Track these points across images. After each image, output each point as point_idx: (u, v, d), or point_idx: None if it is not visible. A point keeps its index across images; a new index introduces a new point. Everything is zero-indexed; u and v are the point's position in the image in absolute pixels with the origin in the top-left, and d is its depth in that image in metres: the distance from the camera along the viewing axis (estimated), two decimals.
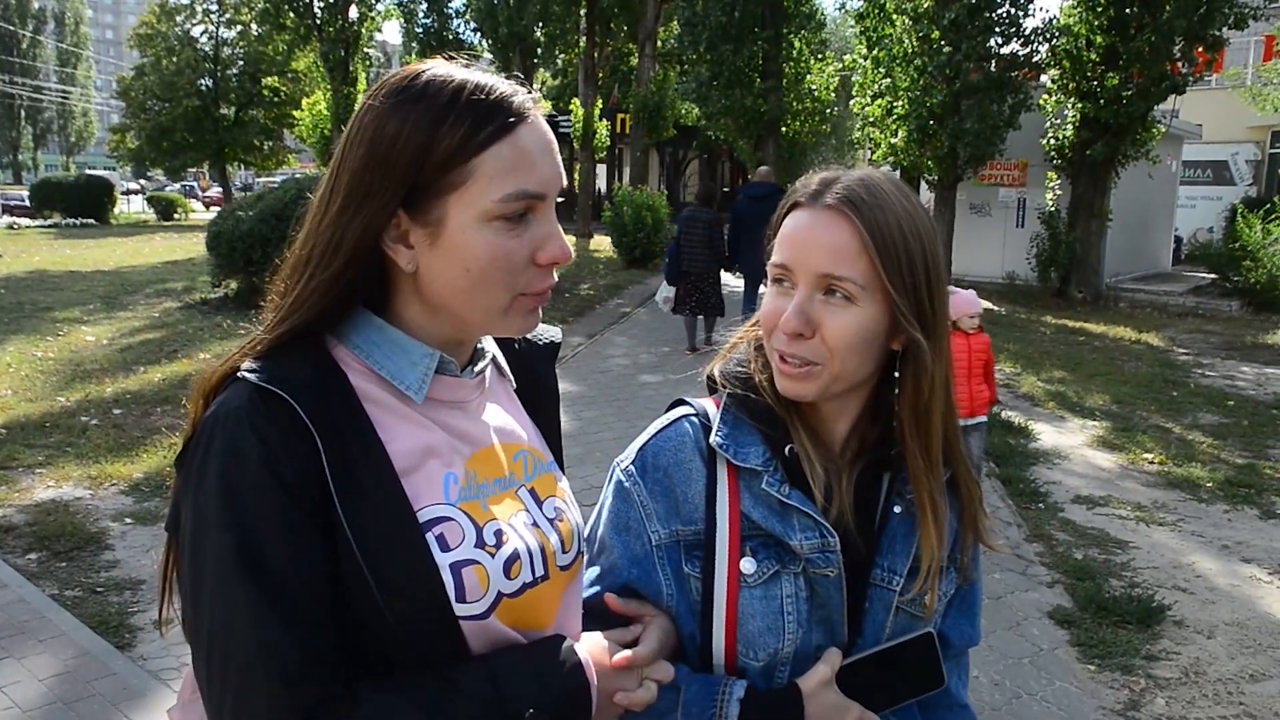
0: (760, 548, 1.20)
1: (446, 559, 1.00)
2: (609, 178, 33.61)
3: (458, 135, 0.98)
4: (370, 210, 1.00)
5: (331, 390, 1.02)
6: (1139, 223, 19.69)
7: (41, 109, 68.24)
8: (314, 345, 1.05)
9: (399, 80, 1.02)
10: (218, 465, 0.95)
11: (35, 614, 4.13)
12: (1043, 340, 12.57)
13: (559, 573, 1.13)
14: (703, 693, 1.17)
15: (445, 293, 1.04)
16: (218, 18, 35.72)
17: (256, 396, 0.97)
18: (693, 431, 1.26)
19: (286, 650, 0.92)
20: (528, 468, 1.17)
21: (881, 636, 1.24)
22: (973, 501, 1.29)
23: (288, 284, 1.05)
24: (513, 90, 1.03)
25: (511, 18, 19.41)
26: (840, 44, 35.82)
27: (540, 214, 1.04)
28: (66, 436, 6.76)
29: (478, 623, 1.02)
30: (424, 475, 1.04)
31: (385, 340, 1.07)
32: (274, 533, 0.94)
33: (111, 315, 12.29)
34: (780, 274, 1.19)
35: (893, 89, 15.52)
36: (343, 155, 1.03)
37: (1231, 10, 14.59)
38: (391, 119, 1.00)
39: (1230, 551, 5.33)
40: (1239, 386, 9.96)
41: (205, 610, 0.94)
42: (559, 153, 1.08)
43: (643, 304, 14.35)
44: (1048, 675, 3.90)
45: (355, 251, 1.02)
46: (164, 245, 23.54)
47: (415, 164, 0.99)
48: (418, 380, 1.07)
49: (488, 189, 0.99)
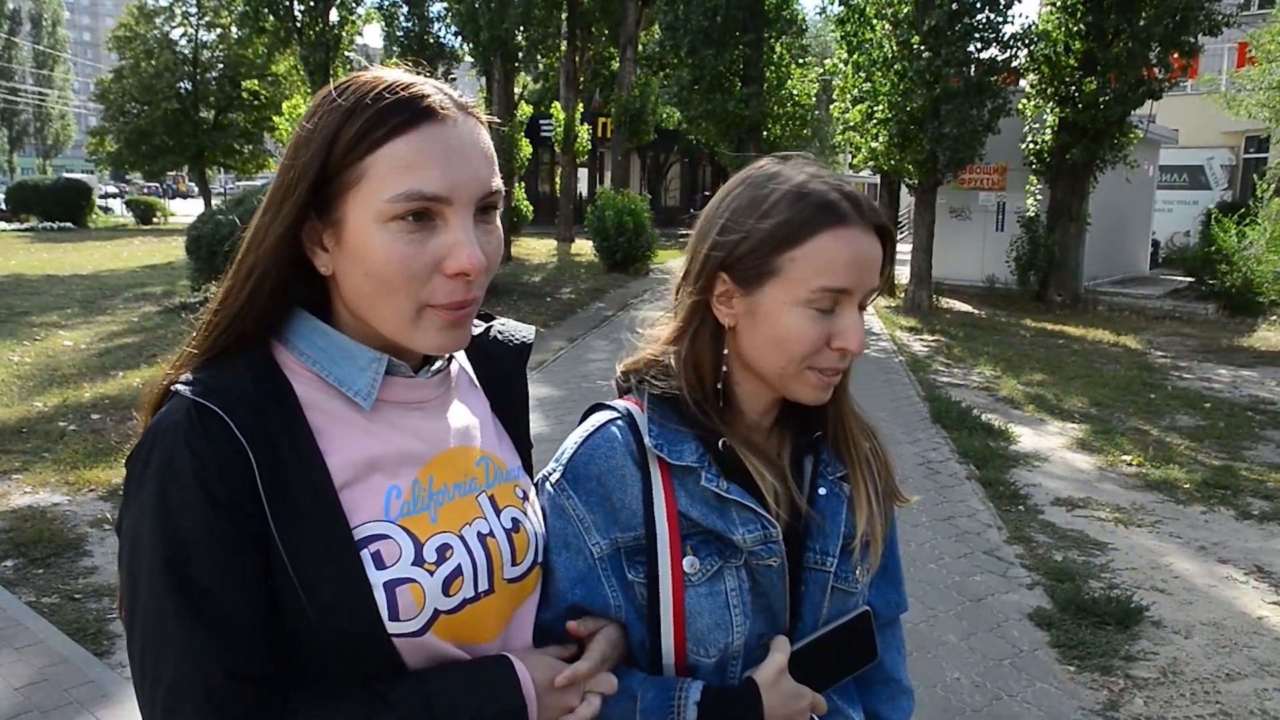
0: (701, 545, 1.20)
1: (381, 577, 0.99)
2: (590, 181, 33.62)
3: (354, 131, 0.97)
4: (286, 210, 0.99)
5: (270, 401, 1.00)
6: (1117, 227, 19.89)
7: (18, 111, 67.57)
8: (257, 353, 1.04)
9: (329, 88, 1.02)
10: (154, 479, 0.95)
11: (12, 621, 4.08)
12: (1022, 343, 12.66)
13: (505, 585, 1.11)
14: (659, 698, 1.17)
15: (354, 298, 1.03)
16: (197, 20, 35.46)
17: (192, 411, 0.96)
18: (621, 435, 1.23)
19: (213, 667, 0.92)
20: (488, 474, 1.16)
21: (819, 618, 1.25)
22: (887, 464, 1.34)
23: (224, 291, 1.04)
24: (430, 91, 1.00)
25: (493, 21, 19.32)
26: (821, 49, 35.96)
27: (448, 220, 0.99)
28: (44, 442, 6.69)
29: (413, 639, 1.01)
30: (365, 489, 1.02)
31: (331, 345, 1.05)
32: (204, 548, 0.94)
33: (90, 319, 12.19)
34: (835, 299, 1.16)
35: (873, 94, 15.60)
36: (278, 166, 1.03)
37: (1206, 17, 14.79)
38: (310, 120, 1.00)
39: (1207, 552, 5.39)
40: (1215, 389, 10.06)
41: (139, 619, 0.95)
42: (487, 159, 1.03)
43: (625, 307, 14.34)
44: (1028, 676, 3.93)
45: (278, 254, 1.00)
46: (143, 249, 23.38)
47: (319, 161, 0.98)
48: (366, 386, 1.05)
49: (380, 188, 0.97)
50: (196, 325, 1.06)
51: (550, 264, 20.56)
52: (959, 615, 4.45)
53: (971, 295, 17.58)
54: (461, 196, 0.99)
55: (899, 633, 1.43)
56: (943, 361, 11.27)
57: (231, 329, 1.03)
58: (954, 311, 15.78)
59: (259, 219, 1.02)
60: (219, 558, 0.94)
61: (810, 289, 1.15)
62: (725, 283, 1.21)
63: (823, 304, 1.16)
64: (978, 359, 11.36)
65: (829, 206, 1.16)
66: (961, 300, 16.98)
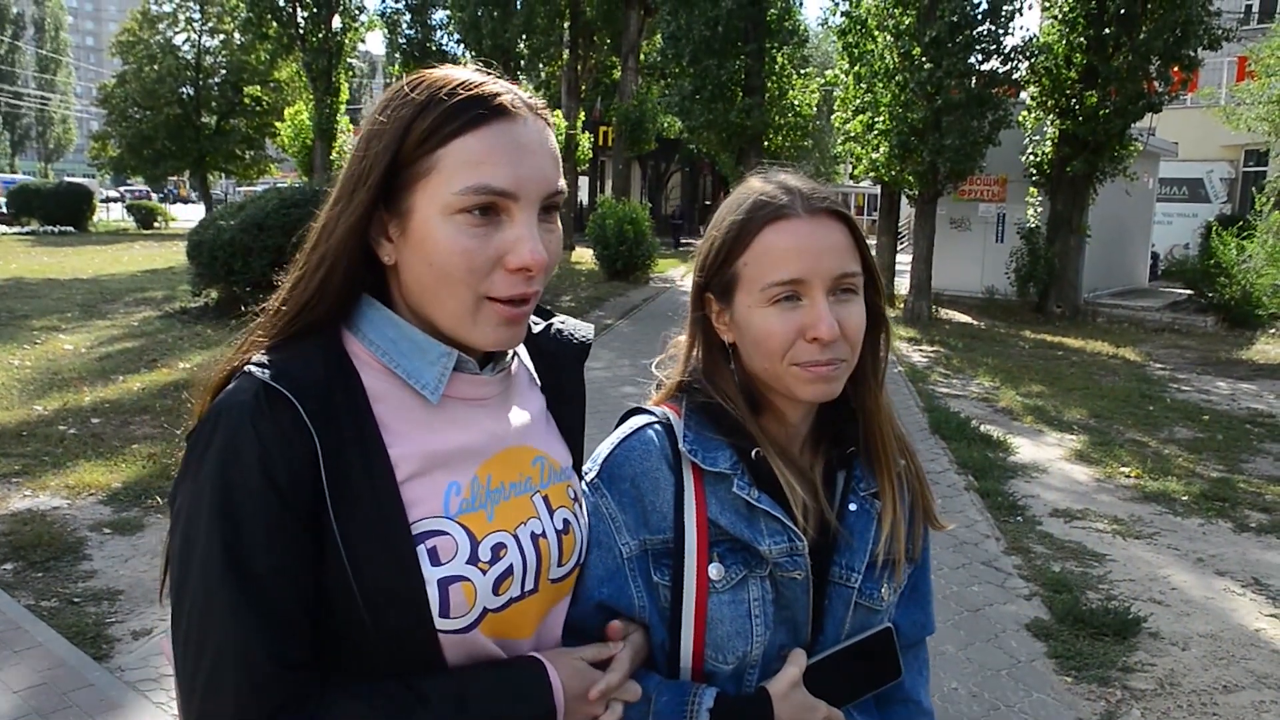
0: (728, 553, 1.21)
1: (436, 574, 1.00)
2: (591, 190, 33.68)
3: (427, 125, 0.99)
4: (356, 203, 1.02)
5: (339, 390, 1.01)
6: (1116, 239, 19.91)
7: (20, 115, 67.70)
8: (329, 340, 1.06)
9: (402, 83, 1.04)
10: (215, 459, 0.96)
11: (11, 625, 4.08)
12: (1021, 354, 12.67)
13: (549, 585, 1.13)
14: (673, 702, 1.18)
15: (415, 289, 1.04)
16: (200, 26, 35.53)
17: (261, 393, 0.97)
18: (657, 439, 1.25)
19: (258, 653, 0.93)
20: (544, 473, 1.17)
21: (841, 633, 1.26)
22: (923, 486, 1.34)
23: (294, 280, 1.06)
24: (500, 89, 1.02)
25: (495, 30, 19.43)
26: (822, 59, 36.06)
27: (513, 216, 1.01)
28: (44, 445, 6.69)
29: (458, 636, 1.02)
30: (426, 484, 1.03)
31: (402, 337, 1.06)
32: (261, 535, 0.94)
33: (90, 324, 12.20)
34: (791, 290, 1.18)
35: (874, 104, 15.64)
36: (348, 158, 1.06)
37: (1206, 32, 14.86)
38: (380, 115, 1.03)
39: (1205, 564, 5.39)
40: (1213, 401, 10.08)
41: (187, 600, 0.95)
42: (553, 159, 1.06)
43: (624, 316, 14.36)
44: (1025, 687, 3.93)
45: (349, 242, 1.02)
46: (143, 254, 23.39)
47: (390, 154, 1.00)
48: (434, 380, 1.06)
49: (449, 180, 0.99)
50: (264, 312, 1.08)
51: None
52: (957, 625, 4.46)
53: (971, 306, 17.60)
54: (528, 193, 1.01)
55: (923, 654, 1.43)
56: (942, 372, 11.29)
57: (302, 315, 1.04)
58: (953, 322, 15.81)
59: (329, 210, 1.05)
60: (276, 545, 0.95)
61: (764, 286, 1.19)
62: (712, 302, 1.26)
63: (782, 298, 1.18)
64: (977, 370, 11.37)
65: (764, 204, 1.21)
66: (961, 311, 17.00)
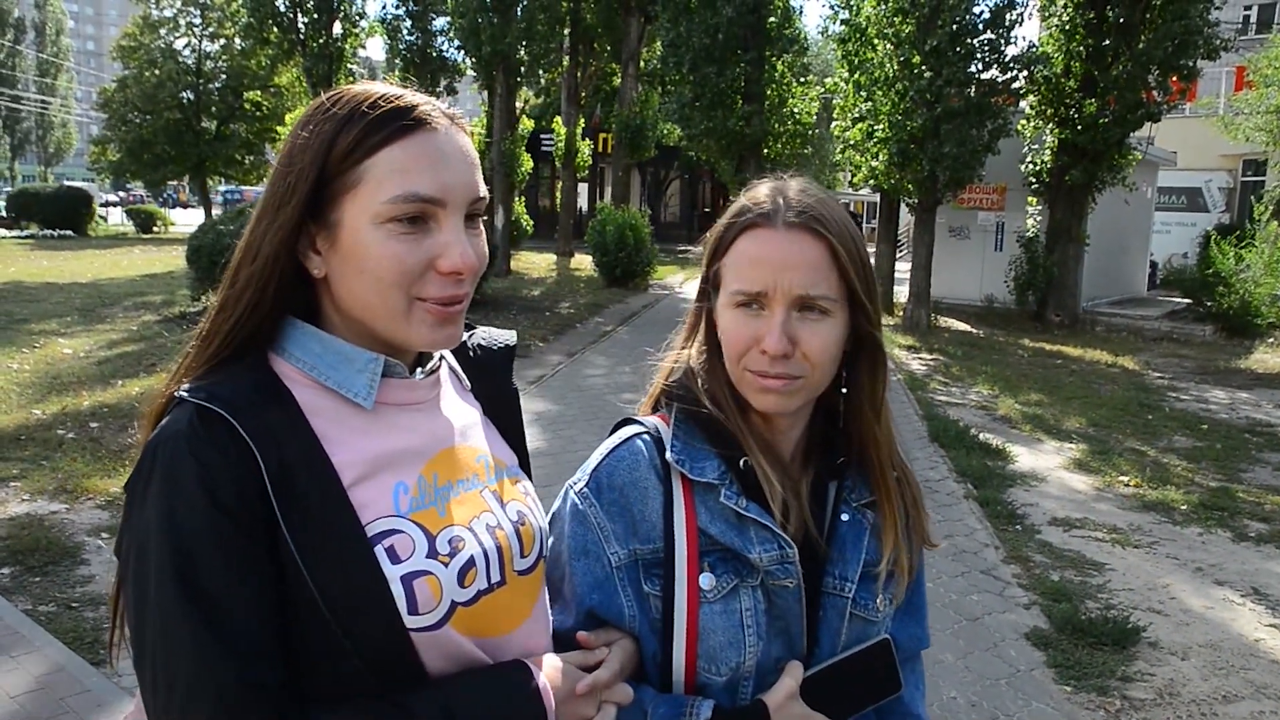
0: (718, 562, 1.21)
1: (398, 571, 1.00)
2: (591, 197, 33.69)
3: (352, 138, 1.01)
4: (283, 218, 1.03)
5: (273, 405, 1.02)
6: (1115, 248, 19.95)
7: (20, 119, 67.70)
8: (255, 361, 1.06)
9: (321, 99, 1.06)
10: (157, 493, 0.96)
11: (8, 629, 4.08)
12: (1020, 363, 12.68)
13: (516, 578, 1.13)
14: (669, 715, 1.18)
15: (348, 298, 1.06)
16: (201, 31, 35.55)
17: (195, 417, 0.97)
18: (646, 449, 1.26)
19: (224, 673, 0.92)
20: (489, 470, 1.18)
21: (837, 644, 1.25)
22: (918, 503, 1.34)
23: (223, 300, 1.06)
24: (419, 101, 1.05)
25: (495, 36, 19.40)
26: (822, 67, 36.14)
27: (440, 222, 1.04)
28: (42, 450, 6.69)
29: (430, 634, 1.01)
30: (373, 486, 1.04)
31: (327, 350, 1.07)
32: (215, 559, 0.94)
33: (89, 328, 12.19)
34: (751, 299, 1.19)
35: (874, 113, 15.67)
36: (270, 174, 1.07)
37: (1205, 41, 14.90)
38: (304, 131, 1.04)
39: (1204, 574, 5.39)
40: (1212, 410, 10.08)
41: (148, 640, 0.94)
42: (474, 166, 1.08)
43: (624, 322, 14.36)
44: (1024, 696, 3.93)
45: (273, 260, 1.03)
46: (143, 258, 23.39)
47: (316, 168, 1.02)
48: (365, 386, 1.07)
49: (378, 190, 1.01)
50: (191, 337, 1.09)
51: (550, 278, 20.59)
52: (955, 634, 4.45)
53: (970, 314, 17.61)
54: (455, 199, 1.04)
55: (919, 668, 1.42)
56: (941, 380, 11.29)
57: (230, 338, 1.05)
58: (952, 330, 15.81)
59: (253, 228, 1.05)
60: (231, 568, 0.94)
61: (730, 290, 1.21)
62: (709, 296, 1.29)
63: (744, 304, 1.19)
64: (976, 378, 11.38)
65: (748, 210, 1.22)
66: (960, 319, 17.01)
